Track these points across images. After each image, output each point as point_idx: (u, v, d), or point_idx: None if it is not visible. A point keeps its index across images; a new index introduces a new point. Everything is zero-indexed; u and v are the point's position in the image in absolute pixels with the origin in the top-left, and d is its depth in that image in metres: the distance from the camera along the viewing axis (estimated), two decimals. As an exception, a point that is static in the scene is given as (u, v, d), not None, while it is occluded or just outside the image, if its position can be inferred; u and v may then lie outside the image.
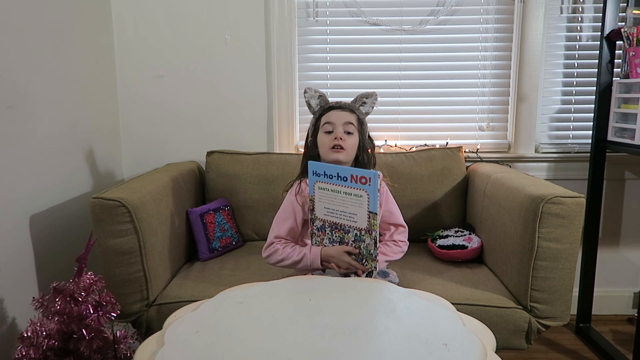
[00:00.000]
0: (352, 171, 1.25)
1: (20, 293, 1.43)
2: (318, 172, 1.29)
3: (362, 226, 1.28)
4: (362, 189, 1.24)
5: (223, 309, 1.03)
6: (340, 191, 1.28)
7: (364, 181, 1.24)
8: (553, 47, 2.06)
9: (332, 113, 1.42)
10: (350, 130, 1.40)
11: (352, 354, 0.85)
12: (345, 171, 1.26)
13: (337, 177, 1.27)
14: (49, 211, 1.59)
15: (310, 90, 1.45)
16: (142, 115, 2.11)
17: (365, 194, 1.24)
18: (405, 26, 2.05)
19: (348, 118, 1.40)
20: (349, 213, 1.29)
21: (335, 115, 1.41)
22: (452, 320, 0.98)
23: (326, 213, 1.32)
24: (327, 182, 1.28)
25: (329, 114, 1.42)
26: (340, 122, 1.39)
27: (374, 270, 1.32)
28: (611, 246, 2.15)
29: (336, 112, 1.42)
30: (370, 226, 1.27)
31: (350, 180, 1.25)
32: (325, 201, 1.31)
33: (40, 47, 1.56)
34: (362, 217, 1.27)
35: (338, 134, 1.38)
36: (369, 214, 1.26)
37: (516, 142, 2.10)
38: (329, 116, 1.41)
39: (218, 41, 2.07)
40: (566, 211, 1.36)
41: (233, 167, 1.94)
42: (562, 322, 1.45)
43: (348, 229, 1.31)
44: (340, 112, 1.41)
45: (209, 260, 1.74)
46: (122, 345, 1.28)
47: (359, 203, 1.26)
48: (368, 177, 1.23)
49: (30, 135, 1.51)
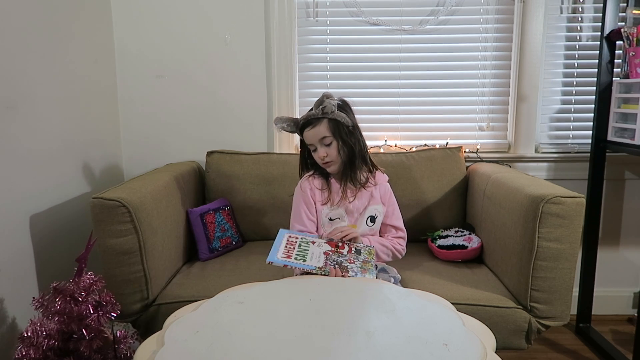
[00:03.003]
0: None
1: (20, 293, 1.43)
2: (274, 257, 1.31)
3: (328, 248, 1.35)
4: (286, 234, 1.37)
5: (223, 309, 1.03)
6: (286, 245, 1.33)
7: (293, 238, 1.36)
8: (553, 47, 2.06)
9: (306, 134, 1.45)
10: (327, 142, 1.43)
11: (352, 354, 0.85)
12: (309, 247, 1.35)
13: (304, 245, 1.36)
14: (49, 211, 1.59)
15: (279, 123, 1.49)
16: (142, 115, 2.11)
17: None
18: (405, 26, 2.05)
19: (320, 133, 1.42)
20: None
21: (309, 136, 1.45)
22: (452, 320, 0.98)
23: (317, 260, 1.32)
24: (277, 250, 1.30)
25: (305, 134, 1.46)
26: (316, 140, 1.43)
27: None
28: (611, 246, 2.15)
29: (308, 132, 1.44)
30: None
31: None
32: (303, 256, 1.32)
33: (40, 47, 1.56)
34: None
35: (320, 153, 1.44)
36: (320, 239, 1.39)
37: (516, 142, 2.10)
38: (306, 138, 1.46)
39: (218, 41, 2.07)
40: (566, 211, 1.36)
41: (233, 167, 1.94)
42: (562, 322, 1.45)
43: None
44: (311, 131, 1.43)
45: (209, 260, 1.74)
46: (122, 345, 1.28)
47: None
48: (285, 237, 1.35)
49: (31, 135, 1.51)
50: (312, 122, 1.43)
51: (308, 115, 1.45)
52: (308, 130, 1.44)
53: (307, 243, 1.35)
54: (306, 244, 1.35)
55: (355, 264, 1.30)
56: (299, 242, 1.35)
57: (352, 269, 1.28)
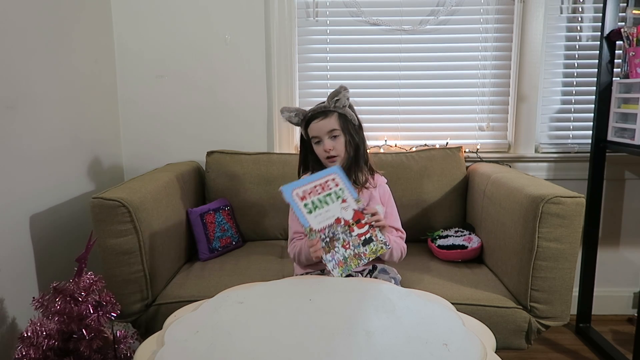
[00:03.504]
0: (315, 178, 1.28)
1: (20, 293, 1.43)
2: (289, 189, 1.27)
3: (349, 217, 1.28)
4: (332, 175, 1.28)
5: (223, 309, 1.03)
6: (317, 186, 1.28)
7: (333, 183, 1.27)
8: (553, 47, 2.06)
9: (314, 126, 1.44)
10: (335, 134, 1.43)
11: (352, 354, 0.85)
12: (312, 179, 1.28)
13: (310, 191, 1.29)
14: (49, 211, 1.59)
15: (285, 112, 1.48)
16: (142, 115, 2.11)
17: (337, 177, 1.28)
18: (405, 26, 2.05)
19: (329, 125, 1.42)
20: (335, 206, 1.28)
21: (316, 128, 1.43)
22: (452, 320, 0.98)
23: (320, 221, 1.27)
24: (300, 186, 1.26)
25: (312, 126, 1.44)
26: (324, 132, 1.43)
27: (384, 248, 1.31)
28: (611, 246, 2.15)
29: (317, 123, 1.43)
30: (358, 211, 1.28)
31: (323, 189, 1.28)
32: (311, 209, 1.27)
33: (40, 47, 1.56)
34: (349, 204, 1.28)
35: (326, 146, 1.43)
36: (355, 202, 1.28)
37: (516, 142, 2.10)
38: (312, 130, 1.45)
39: (218, 41, 2.07)
40: (566, 211, 1.36)
41: (233, 167, 1.94)
42: (562, 322, 1.45)
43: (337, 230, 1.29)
44: (321, 122, 1.43)
45: (209, 260, 1.74)
46: (122, 345, 1.28)
47: (338, 192, 1.29)
48: (331, 176, 1.27)
49: (31, 135, 1.51)
50: (322, 114, 1.43)
51: (318, 106, 1.45)
52: (317, 121, 1.43)
53: (338, 199, 1.27)
54: (336, 198, 1.27)
55: (346, 251, 1.26)
56: (332, 192, 1.27)
57: (334, 254, 1.24)
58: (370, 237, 1.29)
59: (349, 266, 1.26)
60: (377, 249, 1.30)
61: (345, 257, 1.26)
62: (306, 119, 1.46)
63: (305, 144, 1.52)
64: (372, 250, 1.29)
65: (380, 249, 1.30)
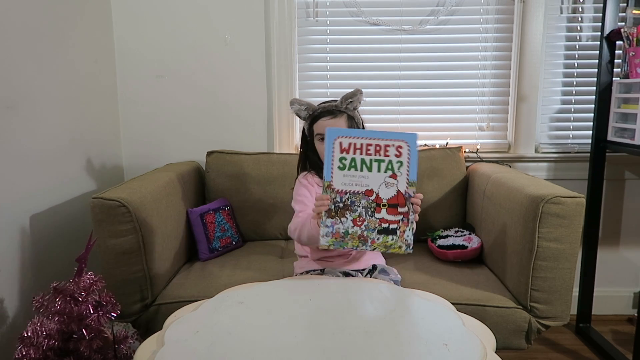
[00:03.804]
0: (382, 136, 1.04)
1: (20, 293, 1.43)
2: (335, 133, 1.07)
3: (387, 195, 1.06)
4: (401, 141, 1.02)
5: (223, 309, 1.03)
6: (372, 145, 1.04)
7: (394, 150, 1.02)
8: (553, 47, 2.06)
9: (322, 123, 1.41)
10: None
11: (352, 354, 0.85)
12: (375, 134, 1.05)
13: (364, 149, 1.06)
14: (49, 211, 1.59)
15: (295, 105, 1.46)
16: (142, 115, 2.11)
17: (406, 148, 1.02)
18: (405, 26, 2.05)
19: (338, 125, 1.40)
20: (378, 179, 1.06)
21: (324, 126, 1.40)
22: (452, 320, 0.98)
23: (347, 183, 1.07)
24: (350, 136, 1.05)
25: (319, 123, 1.42)
26: None
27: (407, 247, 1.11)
28: (611, 246, 2.15)
29: (325, 121, 1.41)
30: (406, 199, 1.06)
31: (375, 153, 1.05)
32: (347, 166, 1.07)
33: (40, 47, 1.56)
34: (401, 180, 1.06)
35: None
36: (407, 184, 1.05)
37: (516, 142, 2.10)
38: (319, 127, 1.42)
39: (218, 41, 2.07)
40: (566, 211, 1.36)
41: (233, 167, 1.94)
42: (562, 322, 1.45)
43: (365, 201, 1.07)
44: (329, 122, 1.40)
45: (209, 260, 1.74)
46: (122, 345, 1.28)
47: (394, 167, 1.05)
48: (399, 142, 1.03)
49: (31, 135, 1.51)
50: (331, 113, 1.41)
51: (329, 105, 1.43)
52: (326, 119, 1.41)
53: (387, 170, 1.06)
54: (386, 169, 1.06)
55: (354, 227, 1.07)
56: (386, 160, 1.05)
57: (336, 223, 1.06)
58: (394, 229, 1.09)
59: (345, 243, 1.09)
60: (392, 245, 1.10)
61: (347, 231, 1.09)
62: (314, 115, 1.44)
63: (307, 141, 1.51)
64: (386, 244, 1.09)
65: (397, 247, 1.10)
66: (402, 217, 1.09)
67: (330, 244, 1.08)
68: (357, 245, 1.09)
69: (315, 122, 1.44)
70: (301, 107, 1.45)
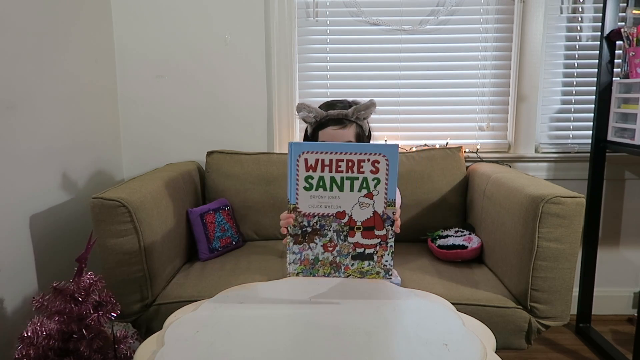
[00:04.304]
0: (354, 149, 0.92)
1: (20, 293, 1.43)
2: (300, 149, 0.95)
3: (362, 217, 0.95)
4: (378, 155, 0.90)
5: (223, 309, 1.03)
6: (343, 160, 0.91)
7: (370, 166, 0.90)
8: (553, 47, 2.06)
9: (329, 132, 1.34)
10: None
11: (352, 354, 0.85)
12: (344, 147, 0.93)
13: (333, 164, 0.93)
14: (49, 211, 1.59)
15: (304, 111, 1.36)
16: (142, 115, 2.11)
17: (384, 163, 0.89)
18: (405, 26, 2.05)
19: (346, 137, 1.34)
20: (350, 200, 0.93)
21: (331, 135, 1.34)
22: (452, 320, 0.98)
23: (314, 204, 0.96)
24: (316, 151, 0.93)
25: (326, 131, 1.35)
26: (337, 141, 1.33)
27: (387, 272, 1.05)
28: (611, 246, 2.15)
29: (333, 130, 1.34)
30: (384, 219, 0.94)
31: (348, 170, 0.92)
32: (314, 186, 0.94)
33: (40, 47, 1.56)
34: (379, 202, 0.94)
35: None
36: (385, 204, 0.94)
37: (516, 142, 2.10)
38: (326, 135, 1.35)
39: (218, 41, 2.07)
40: (566, 211, 1.36)
41: (233, 167, 1.94)
42: (562, 322, 1.45)
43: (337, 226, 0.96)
44: (338, 131, 1.33)
45: (209, 260, 1.74)
46: (122, 345, 1.28)
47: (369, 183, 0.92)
48: (378, 156, 0.89)
49: (31, 136, 1.51)
50: (340, 122, 1.34)
51: (339, 113, 1.35)
52: (335, 129, 1.34)
53: (362, 189, 0.93)
54: (361, 188, 0.93)
55: (325, 253, 0.97)
56: (361, 178, 0.92)
57: (305, 249, 0.96)
58: (370, 254, 1.00)
59: (315, 270, 1.01)
60: (369, 272, 1.03)
61: (317, 258, 1.00)
62: (322, 119, 1.36)
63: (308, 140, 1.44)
64: (362, 270, 1.02)
65: (374, 274, 1.03)
66: (379, 240, 0.99)
67: (298, 272, 1.00)
68: (328, 272, 1.01)
69: (321, 129, 1.36)
70: (310, 115, 1.36)
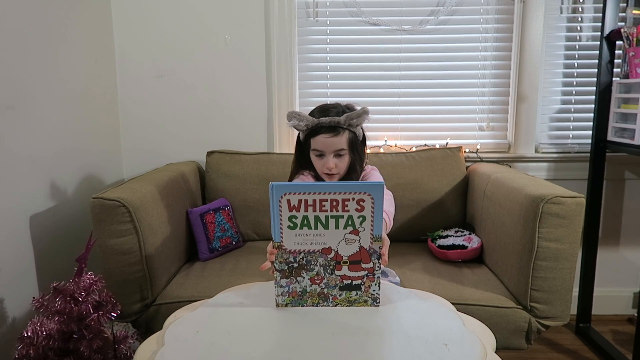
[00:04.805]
0: (341, 188, 0.92)
1: (20, 293, 1.43)
2: (281, 190, 0.93)
3: (348, 253, 0.96)
4: (362, 194, 0.90)
5: (223, 309, 1.03)
6: (327, 199, 0.91)
7: (355, 204, 0.91)
8: (553, 47, 2.06)
9: (321, 140, 1.30)
10: (341, 153, 1.32)
11: (352, 354, 0.85)
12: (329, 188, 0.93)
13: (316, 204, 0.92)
14: (49, 211, 1.59)
15: (294, 119, 1.32)
16: (142, 115, 2.11)
17: (369, 201, 0.90)
18: (405, 26, 2.05)
19: (338, 145, 1.30)
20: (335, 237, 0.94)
21: (323, 143, 1.30)
22: (452, 320, 0.98)
23: (299, 242, 0.96)
24: (298, 192, 0.92)
25: (318, 139, 1.31)
26: (330, 150, 1.31)
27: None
28: (611, 246, 2.15)
29: (325, 138, 1.30)
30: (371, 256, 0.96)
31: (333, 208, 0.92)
32: (299, 225, 0.94)
33: (40, 47, 1.56)
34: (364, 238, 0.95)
35: (329, 164, 1.31)
36: (371, 240, 0.95)
37: (516, 142, 2.10)
38: (318, 142, 1.31)
39: (218, 41, 2.07)
40: (566, 211, 1.36)
41: (233, 167, 1.94)
42: (562, 322, 1.45)
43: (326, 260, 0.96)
44: (330, 140, 1.29)
45: (209, 260, 1.74)
46: (122, 345, 1.28)
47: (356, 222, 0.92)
48: (362, 195, 0.90)
49: (31, 136, 1.51)
50: (332, 130, 1.29)
51: (331, 120, 1.29)
52: (326, 136, 1.29)
53: (347, 226, 0.93)
54: (345, 225, 0.92)
55: (312, 286, 0.97)
56: (345, 216, 0.91)
57: (292, 282, 0.97)
58: (358, 285, 0.99)
59: (304, 301, 1.00)
60: (357, 300, 1.00)
61: (305, 290, 0.99)
62: (313, 128, 1.32)
63: (301, 144, 1.42)
64: (350, 299, 1.00)
65: (362, 302, 1.00)
66: (366, 272, 0.98)
67: (287, 303, 1.00)
68: (317, 302, 1.00)
69: (313, 137, 1.32)
70: (300, 123, 1.32)
